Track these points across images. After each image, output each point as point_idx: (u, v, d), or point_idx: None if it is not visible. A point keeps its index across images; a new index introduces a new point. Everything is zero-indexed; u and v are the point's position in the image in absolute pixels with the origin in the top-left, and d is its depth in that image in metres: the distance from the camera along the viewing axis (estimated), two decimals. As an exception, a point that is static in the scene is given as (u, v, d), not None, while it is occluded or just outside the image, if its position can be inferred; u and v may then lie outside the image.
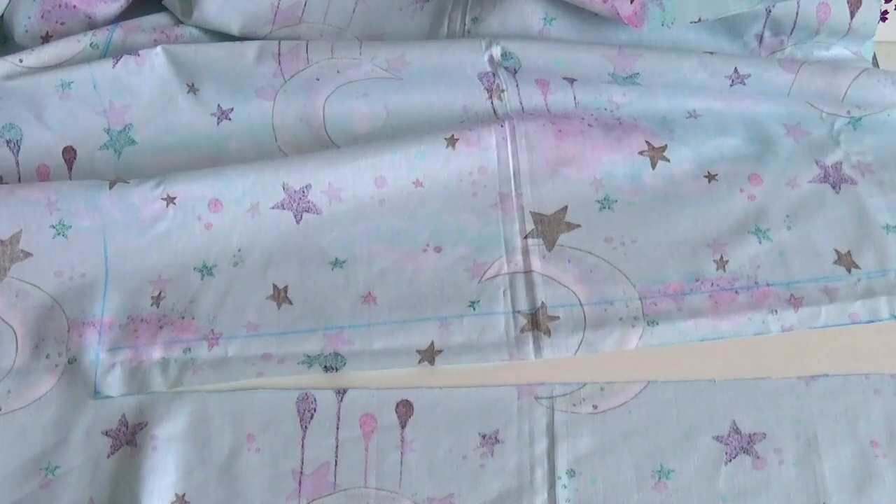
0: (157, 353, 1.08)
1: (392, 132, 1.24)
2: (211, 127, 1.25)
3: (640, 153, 1.21)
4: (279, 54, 1.24)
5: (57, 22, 1.27)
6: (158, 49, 1.23)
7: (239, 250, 1.14)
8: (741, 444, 1.03)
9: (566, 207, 1.16)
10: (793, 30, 1.31)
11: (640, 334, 1.08)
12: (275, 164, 1.17)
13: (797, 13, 1.29)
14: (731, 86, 1.25)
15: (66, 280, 1.11)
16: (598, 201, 1.18)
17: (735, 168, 1.21)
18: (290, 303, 1.11)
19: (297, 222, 1.16)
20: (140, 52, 1.22)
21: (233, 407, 1.05)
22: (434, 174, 1.19)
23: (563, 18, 1.28)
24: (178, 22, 1.30)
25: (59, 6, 1.27)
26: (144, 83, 1.24)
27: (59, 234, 1.12)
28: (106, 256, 1.13)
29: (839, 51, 1.34)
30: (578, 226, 1.16)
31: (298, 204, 1.17)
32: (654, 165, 1.21)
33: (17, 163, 1.21)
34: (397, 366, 1.07)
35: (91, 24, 1.29)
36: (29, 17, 1.27)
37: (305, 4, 1.31)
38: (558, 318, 1.10)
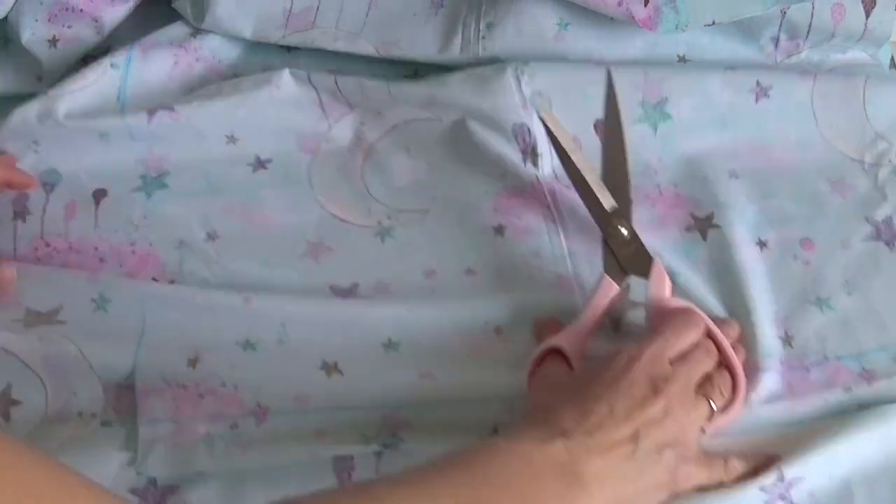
0: (201, 429, 0.96)
1: (434, 185, 1.14)
2: (246, 175, 1.15)
3: (688, 229, 1.10)
4: (321, 102, 1.17)
5: (64, 25, 1.18)
6: (195, 104, 1.14)
7: (283, 325, 1.02)
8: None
9: (628, 285, 1.01)
10: (808, 32, 1.21)
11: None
12: (320, 266, 1.08)
13: (812, 15, 1.19)
14: (756, 101, 1.16)
15: (100, 345, 1.00)
16: (659, 276, 1.05)
17: (786, 234, 1.09)
18: (342, 374, 0.99)
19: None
20: (175, 107, 1.13)
21: (268, 467, 0.94)
22: (486, 263, 1.08)
23: (577, 23, 1.19)
24: (195, 32, 1.22)
25: (66, 9, 1.18)
26: (181, 135, 1.14)
27: (99, 307, 1.02)
28: (143, 329, 1.01)
29: (856, 54, 1.24)
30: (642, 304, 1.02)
31: (346, 298, 1.06)
32: (705, 237, 1.09)
33: (47, 200, 1.11)
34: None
35: (98, 28, 1.20)
36: (36, 20, 1.18)
37: (318, 9, 1.22)
38: None
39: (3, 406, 0.95)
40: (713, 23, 1.14)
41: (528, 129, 1.14)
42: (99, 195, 1.12)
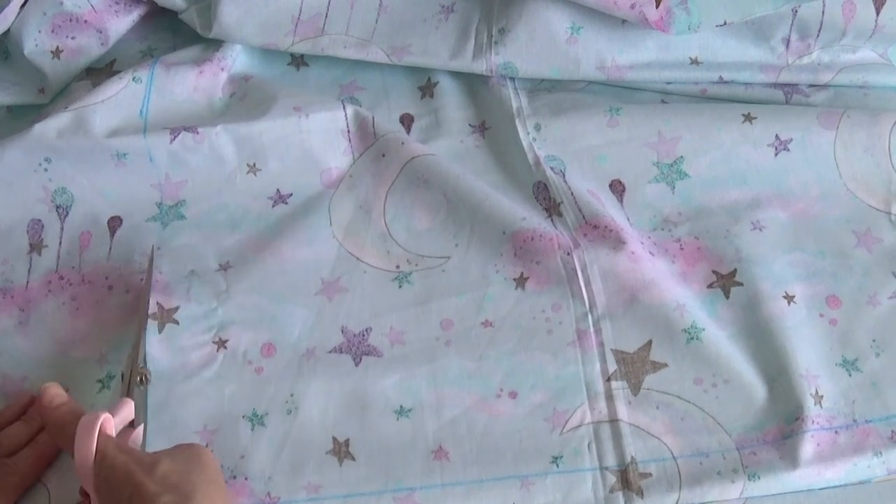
0: None
1: (455, 228, 1.04)
2: (265, 209, 1.06)
3: (710, 286, 1.00)
4: (349, 131, 1.08)
5: (67, 37, 1.13)
6: (219, 128, 1.05)
7: (292, 395, 0.93)
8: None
9: (650, 342, 0.95)
10: (819, 31, 1.11)
11: (741, 490, 0.87)
12: (333, 306, 0.99)
13: (823, 13, 1.10)
14: (775, 156, 1.07)
15: None
16: (685, 331, 0.95)
17: (811, 289, 0.99)
18: (353, 458, 0.90)
19: (356, 365, 0.95)
20: (199, 129, 1.05)
21: None
22: (505, 314, 0.98)
23: (589, 26, 1.11)
24: (219, 47, 1.14)
25: (70, 20, 1.12)
26: (203, 160, 1.06)
27: (104, 386, 0.94)
28: (145, 405, 0.90)
29: (865, 53, 1.14)
30: (665, 365, 0.94)
31: (358, 347, 0.96)
32: (727, 295, 0.99)
33: (62, 229, 1.04)
34: None
35: (102, 39, 1.15)
36: (39, 32, 1.12)
37: (327, 16, 1.14)
38: (650, 475, 0.88)
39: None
40: (725, 23, 1.07)
41: (546, 186, 1.06)
42: (114, 224, 1.05)
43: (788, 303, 0.97)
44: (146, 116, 1.06)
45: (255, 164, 1.07)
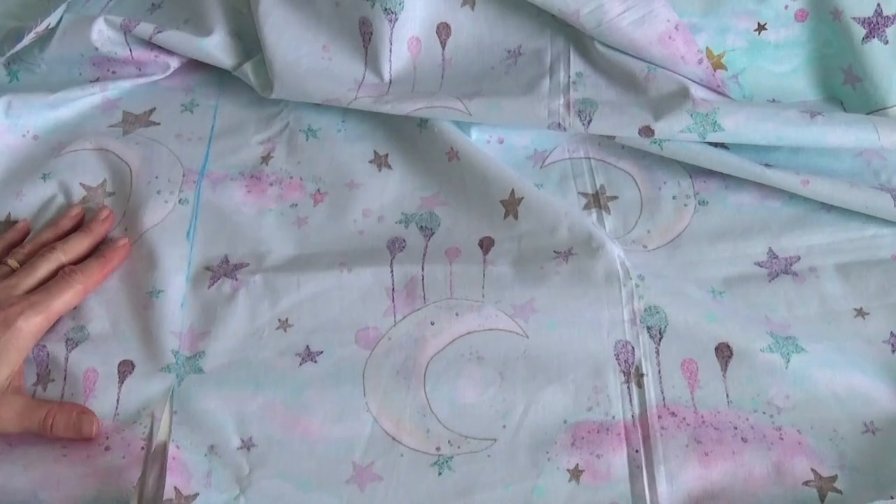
0: None
1: (506, 407, 0.91)
2: (291, 367, 0.93)
3: (806, 483, 0.85)
4: (393, 290, 0.98)
5: (109, 70, 1.16)
6: (258, 277, 0.98)
7: None
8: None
9: None
10: None
11: None
12: (366, 497, 0.86)
13: None
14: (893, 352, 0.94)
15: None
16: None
17: None
18: None
19: None
20: (238, 275, 0.99)
21: None
22: None
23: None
24: (264, 161, 1.10)
25: (108, 60, 1.15)
26: (235, 313, 0.97)
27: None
28: None
29: None
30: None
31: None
32: (822, 499, 0.84)
33: (66, 359, 0.93)
34: None
35: (139, 74, 1.18)
36: (81, 65, 1.16)
37: (391, 83, 1.12)
38: None
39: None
40: (773, 101, 1.10)
41: (633, 349, 0.92)
42: (125, 370, 0.93)
43: None
44: (193, 238, 1.02)
45: (287, 320, 0.97)
